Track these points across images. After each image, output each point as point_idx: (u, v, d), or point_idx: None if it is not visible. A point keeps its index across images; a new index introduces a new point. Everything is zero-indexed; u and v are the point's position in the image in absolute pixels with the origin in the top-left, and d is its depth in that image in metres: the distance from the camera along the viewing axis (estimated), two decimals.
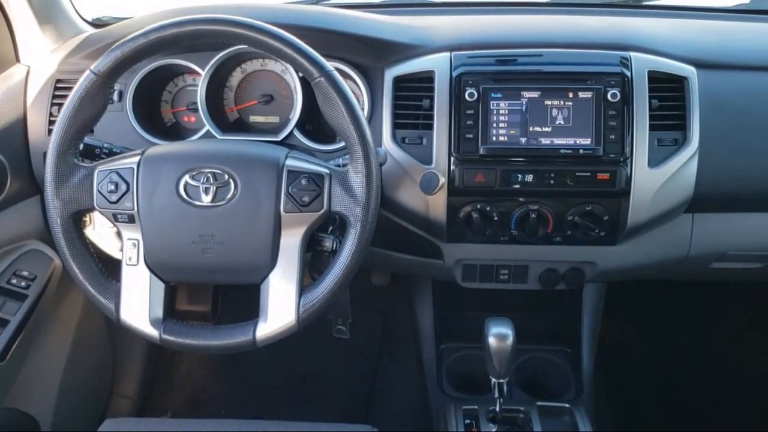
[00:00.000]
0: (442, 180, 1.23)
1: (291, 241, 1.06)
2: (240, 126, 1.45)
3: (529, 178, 1.24)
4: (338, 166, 1.10)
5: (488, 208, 1.28)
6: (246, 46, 1.19)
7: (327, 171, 1.06)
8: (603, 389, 1.93)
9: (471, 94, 1.23)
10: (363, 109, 1.31)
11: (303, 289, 1.06)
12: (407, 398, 1.89)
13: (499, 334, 1.19)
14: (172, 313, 1.11)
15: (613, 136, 1.22)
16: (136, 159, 1.08)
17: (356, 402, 1.98)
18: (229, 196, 1.05)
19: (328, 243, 1.12)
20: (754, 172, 1.28)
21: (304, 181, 1.05)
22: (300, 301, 1.05)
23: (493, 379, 1.24)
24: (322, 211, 1.05)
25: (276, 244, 1.05)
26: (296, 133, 1.34)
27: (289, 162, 1.07)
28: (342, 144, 1.29)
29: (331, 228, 1.18)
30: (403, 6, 1.61)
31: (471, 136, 1.23)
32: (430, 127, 1.26)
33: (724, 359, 2.08)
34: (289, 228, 1.05)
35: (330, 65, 1.06)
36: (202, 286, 2.10)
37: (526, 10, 1.58)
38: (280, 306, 1.05)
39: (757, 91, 1.29)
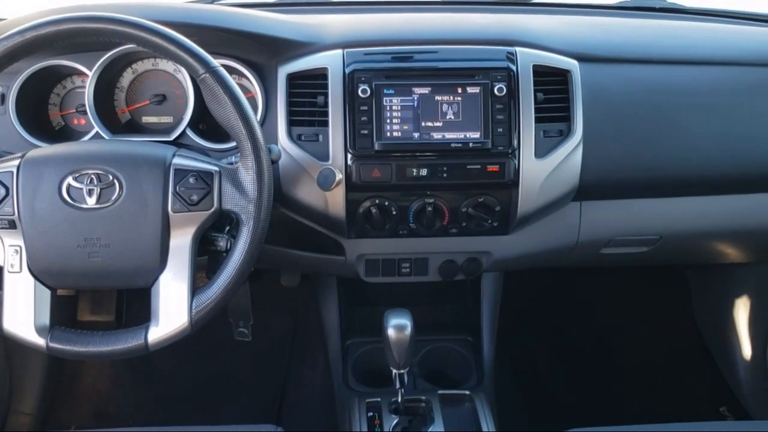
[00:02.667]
0: (339, 176, 1.24)
1: (181, 241, 1.04)
2: (132, 127, 1.42)
3: (423, 172, 1.26)
4: (231, 164, 1.09)
5: (386, 203, 1.29)
6: (134, 46, 1.16)
7: (216, 168, 1.05)
8: (510, 375, 2.00)
9: (364, 91, 1.24)
10: (257, 107, 1.32)
11: (195, 290, 1.05)
12: (318, 397, 1.89)
13: (398, 326, 1.21)
14: (74, 324, 1.08)
15: (501, 129, 1.25)
16: (16, 162, 1.04)
17: (268, 404, 1.96)
18: (114, 197, 1.02)
19: (222, 242, 1.11)
20: (635, 159, 1.34)
21: (192, 180, 1.03)
22: (192, 303, 1.04)
23: (394, 370, 1.26)
24: (212, 210, 1.04)
25: (165, 245, 1.04)
26: (189, 132, 1.32)
27: (177, 160, 1.05)
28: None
29: (228, 228, 1.16)
30: (299, 5, 1.62)
31: (366, 132, 1.25)
32: (325, 123, 1.26)
33: (622, 340, 2.19)
34: (179, 228, 1.04)
35: (216, 62, 1.05)
36: (104, 294, 2.03)
37: (417, 8, 1.61)
38: (172, 308, 1.04)
39: (635, 82, 1.36)
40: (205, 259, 1.17)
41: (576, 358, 2.16)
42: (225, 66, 1.29)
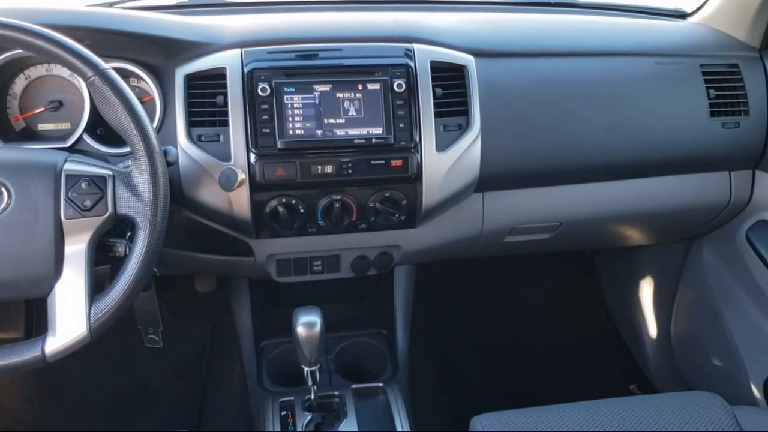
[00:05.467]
0: (242, 176, 1.23)
1: (76, 248, 1.02)
2: (28, 135, 1.37)
3: (328, 168, 1.27)
4: (126, 167, 1.07)
5: (293, 201, 1.30)
6: (25, 51, 1.13)
7: (109, 172, 1.03)
8: (427, 365, 2.03)
9: (264, 89, 1.24)
10: (156, 110, 1.29)
11: (93, 297, 1.02)
12: (236, 401, 1.88)
13: (307, 323, 1.22)
14: None
15: (402, 125, 1.28)
16: None
17: (187, 412, 1.93)
18: (3, 206, 0.99)
19: (121, 248, 1.08)
20: (531, 150, 1.39)
21: (84, 185, 1.01)
22: (91, 311, 1.01)
23: (306, 368, 1.26)
24: (106, 215, 1.02)
25: (60, 252, 1.01)
26: (86, 137, 1.28)
27: (68, 166, 1.03)
28: None
29: (129, 233, 1.14)
30: (198, 6, 1.60)
31: (268, 130, 1.25)
32: (225, 123, 1.25)
33: (538, 326, 2.26)
34: (73, 235, 1.01)
35: (112, 65, 1.03)
36: (11, 310, 1.95)
37: (315, 8, 1.62)
38: (70, 317, 1.01)
39: (529, 75, 1.40)
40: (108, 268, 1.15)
41: (493, 345, 2.22)
42: (121, 69, 1.28)
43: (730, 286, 1.69)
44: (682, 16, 1.70)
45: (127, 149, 1.28)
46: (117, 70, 1.12)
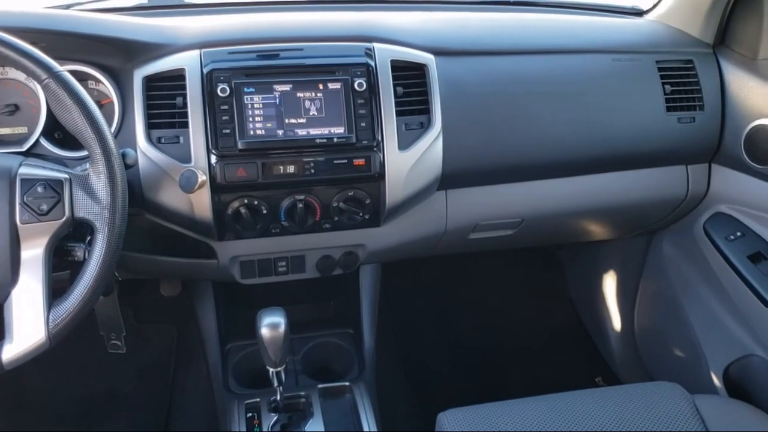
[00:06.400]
0: (202, 177, 1.22)
1: (33, 253, 1.00)
2: None
3: (290, 169, 1.27)
4: (84, 170, 1.06)
5: (256, 202, 1.29)
6: None
7: (66, 176, 1.02)
8: (395, 362, 2.04)
9: (223, 90, 1.24)
10: (114, 112, 1.28)
11: (52, 302, 1.01)
12: (203, 404, 1.86)
13: (271, 324, 1.21)
14: None
15: (364, 124, 1.28)
16: None
17: (154, 417, 1.91)
18: None
19: (80, 252, 1.07)
20: (492, 147, 1.40)
21: (40, 189, 1.00)
22: (49, 316, 1.00)
23: (271, 369, 1.26)
24: (64, 219, 1.01)
25: (15, 258, 0.99)
26: (43, 141, 1.26)
27: (23, 170, 1.01)
28: None
29: (89, 238, 1.13)
30: (157, 8, 1.58)
31: (228, 131, 1.24)
32: (185, 125, 1.24)
33: (505, 321, 2.28)
34: (30, 240, 1.00)
35: (69, 67, 1.02)
36: None
37: (276, 8, 1.62)
38: (27, 323, 0.99)
39: (489, 73, 1.41)
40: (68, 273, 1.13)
41: (460, 342, 2.23)
42: (78, 72, 1.26)
43: (690, 278, 1.73)
44: (639, 13, 1.73)
45: (85, 152, 1.27)
46: (74, 72, 1.11)
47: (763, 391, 1.54)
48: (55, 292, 1.03)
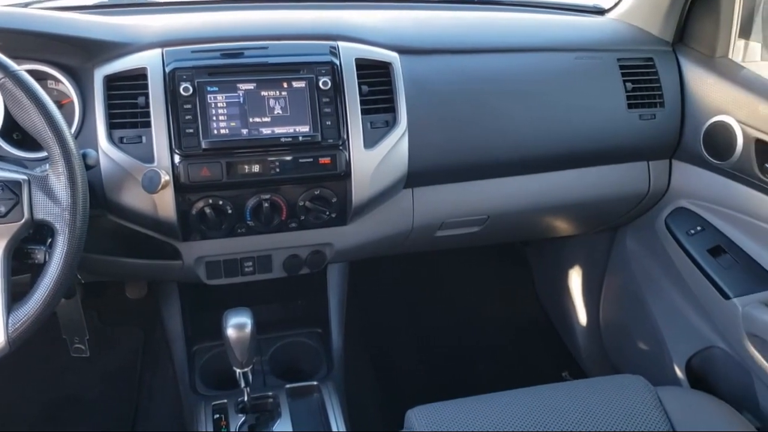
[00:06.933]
0: (166, 177, 1.20)
1: None
2: None
3: (255, 168, 1.26)
4: (43, 171, 1.04)
5: (221, 202, 1.28)
6: None
7: (24, 177, 1.00)
8: (364, 361, 2.04)
9: (186, 89, 1.22)
10: (74, 112, 1.26)
11: (11, 306, 0.99)
12: (170, 407, 1.84)
13: (237, 324, 1.21)
14: None
15: (329, 122, 1.28)
16: None
17: (120, 421, 1.89)
18: None
19: (40, 255, 1.06)
20: (457, 145, 1.41)
21: None
22: (8, 320, 0.98)
23: (237, 370, 1.25)
24: (22, 221, 0.99)
25: None
26: (1, 142, 1.24)
27: None
28: None
29: (50, 240, 1.11)
30: (118, 6, 1.56)
31: (191, 130, 1.23)
32: (147, 124, 1.23)
33: (473, 318, 2.30)
34: None
35: (28, 66, 1.00)
36: None
37: (240, 7, 1.61)
38: None
39: (453, 72, 1.42)
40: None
41: (428, 339, 2.25)
42: (37, 71, 1.24)
43: (653, 272, 1.76)
44: (601, 12, 1.76)
45: (44, 153, 1.24)
46: (32, 72, 1.09)
47: (724, 382, 1.58)
48: (15, 295, 1.01)
